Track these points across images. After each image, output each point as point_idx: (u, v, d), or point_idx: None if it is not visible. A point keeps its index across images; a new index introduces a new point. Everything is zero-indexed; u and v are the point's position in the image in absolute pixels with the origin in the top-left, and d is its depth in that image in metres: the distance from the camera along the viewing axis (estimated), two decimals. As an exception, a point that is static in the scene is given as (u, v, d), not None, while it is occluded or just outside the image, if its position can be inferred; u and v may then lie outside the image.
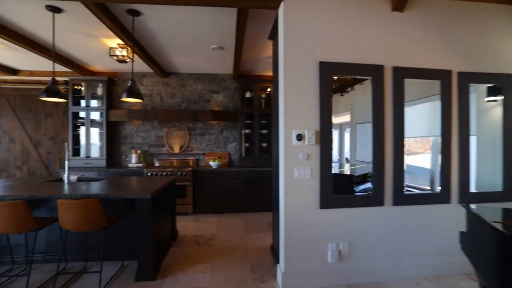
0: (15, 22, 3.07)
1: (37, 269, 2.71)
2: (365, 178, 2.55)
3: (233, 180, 4.81)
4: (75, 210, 2.28)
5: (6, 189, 2.64)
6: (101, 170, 4.61)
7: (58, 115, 5.07)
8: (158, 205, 2.83)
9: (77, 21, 3.06)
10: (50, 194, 2.45)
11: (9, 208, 2.25)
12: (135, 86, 2.86)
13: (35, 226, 2.35)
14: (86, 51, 4.01)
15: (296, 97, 2.27)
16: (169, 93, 5.30)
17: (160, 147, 5.31)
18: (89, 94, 4.85)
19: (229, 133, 5.42)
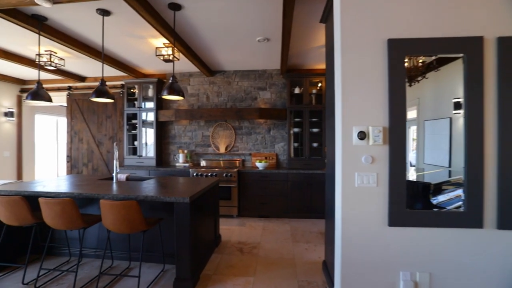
0: (74, 29, 3.25)
1: (88, 264, 2.77)
2: (440, 187, 1.93)
3: (281, 182, 4.46)
4: (114, 211, 2.22)
5: (65, 186, 2.76)
6: (151, 169, 4.73)
7: (116, 116, 5.42)
8: (199, 209, 2.65)
9: (125, 23, 3.09)
10: (94, 193, 2.45)
11: (59, 206, 2.30)
12: (176, 83, 2.74)
13: (82, 224, 2.37)
14: (137, 53, 4.13)
15: (357, 86, 1.80)
16: (215, 92, 5.21)
17: (206, 147, 5.25)
18: (141, 95, 5.05)
19: (277, 132, 5.08)
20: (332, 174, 2.14)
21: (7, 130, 5.57)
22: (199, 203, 2.63)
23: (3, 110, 5.48)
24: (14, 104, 5.70)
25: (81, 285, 2.39)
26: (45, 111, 6.51)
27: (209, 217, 3.04)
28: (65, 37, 3.38)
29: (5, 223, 2.52)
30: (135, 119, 5.15)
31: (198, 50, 4.03)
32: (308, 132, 4.68)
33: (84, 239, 3.01)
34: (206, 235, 2.91)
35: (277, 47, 3.91)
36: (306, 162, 4.69)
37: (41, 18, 2.96)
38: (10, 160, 5.63)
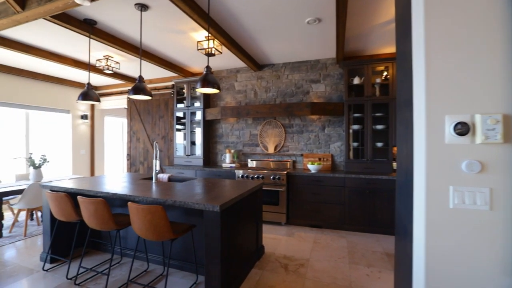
0: (121, 31, 3.29)
1: (126, 265, 2.70)
2: None
3: (337, 188, 3.82)
4: (140, 215, 2.03)
5: (106, 184, 2.76)
6: (198, 169, 4.64)
7: (167, 116, 5.55)
8: (235, 216, 2.29)
9: (163, 16, 2.96)
10: (124, 194, 2.33)
11: (93, 205, 2.23)
12: (210, 74, 2.45)
13: (114, 226, 2.27)
14: (181, 50, 4.03)
15: (453, 55, 1.15)
16: (263, 87, 4.84)
17: (254, 146, 4.93)
18: (189, 94, 5.03)
19: (332, 130, 4.43)
20: (406, 183, 1.50)
21: (82, 131, 6.29)
22: (235, 210, 2.28)
23: (80, 113, 6.20)
24: (88, 108, 6.40)
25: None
26: (113, 113, 7.19)
27: (250, 225, 2.67)
28: (115, 39, 3.46)
29: (56, 218, 2.61)
30: (184, 119, 5.17)
31: (242, 41, 3.71)
32: (371, 130, 3.91)
33: (125, 238, 2.98)
34: (245, 246, 2.55)
35: (331, 30, 3.31)
36: (367, 165, 3.92)
37: (91, 22, 3.04)
38: (85, 157, 6.34)
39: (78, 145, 6.19)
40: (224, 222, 2.04)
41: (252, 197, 2.73)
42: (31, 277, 2.50)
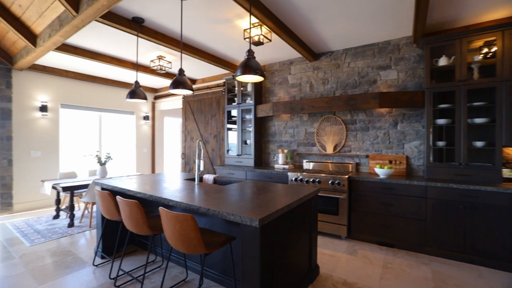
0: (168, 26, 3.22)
1: (167, 270, 2.55)
2: None
3: (415, 199, 3.01)
4: (170, 223, 1.78)
5: (147, 184, 2.67)
6: (248, 170, 4.35)
7: (219, 115, 5.45)
8: (280, 231, 1.86)
9: (205, 4, 2.72)
10: (158, 197, 2.13)
11: (128, 207, 2.11)
12: (252, 59, 2.07)
13: (148, 230, 2.10)
14: (227, 41, 3.76)
15: None
16: (320, 79, 4.26)
17: (310, 146, 4.39)
18: (240, 91, 4.79)
19: (408, 125, 3.58)
20: None
21: (145, 131, 6.74)
22: (281, 223, 1.85)
23: (142, 114, 6.66)
24: (149, 109, 6.84)
25: (149, 299, 2.13)
26: (171, 114, 7.56)
27: (301, 240, 2.20)
28: (162, 36, 3.42)
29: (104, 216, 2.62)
30: (235, 117, 4.96)
31: (294, 25, 3.23)
32: (465, 124, 2.96)
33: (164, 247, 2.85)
34: (294, 265, 2.09)
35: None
36: (460, 171, 2.99)
37: (139, 20, 3.03)
38: (147, 155, 6.79)
39: (141, 144, 6.66)
40: (265, 239, 1.64)
41: (305, 207, 2.26)
42: (82, 271, 2.56)
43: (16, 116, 4.66)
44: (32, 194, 4.82)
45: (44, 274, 2.51)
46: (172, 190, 2.39)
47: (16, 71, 4.65)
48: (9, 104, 4.58)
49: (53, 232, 3.60)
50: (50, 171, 5.04)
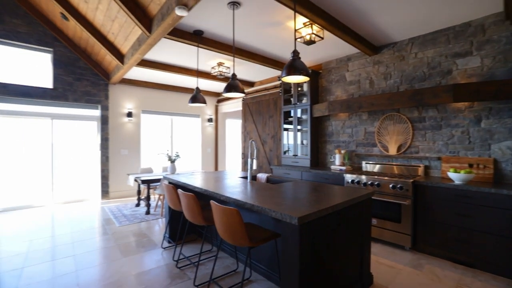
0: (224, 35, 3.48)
1: (220, 260, 2.77)
2: None
3: (505, 212, 2.50)
4: (218, 215, 1.95)
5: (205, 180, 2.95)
6: (303, 170, 4.32)
7: (276, 116, 5.55)
8: (325, 232, 1.83)
9: (255, 11, 2.86)
10: (211, 191, 2.34)
11: (186, 199, 2.39)
12: (297, 60, 2.08)
13: (202, 221, 2.34)
14: (280, 43, 3.82)
15: None
16: (381, 73, 3.92)
17: (370, 146, 4.08)
18: (296, 91, 4.79)
19: (496, 122, 2.98)
20: None
21: (209, 132, 7.37)
22: (326, 223, 1.82)
23: (207, 117, 7.30)
24: (213, 112, 7.44)
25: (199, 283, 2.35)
26: (232, 116, 8.03)
27: (350, 244, 2.10)
28: (220, 45, 3.71)
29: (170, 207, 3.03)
30: (291, 117, 4.99)
31: (346, 19, 3.08)
32: None
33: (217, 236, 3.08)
34: (341, 269, 2.01)
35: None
36: None
37: (199, 32, 3.38)
38: (211, 155, 7.40)
39: (206, 144, 7.31)
40: (306, 238, 1.64)
41: (355, 210, 2.15)
42: (153, 251, 3.01)
43: (111, 121, 5.74)
44: (122, 185, 5.85)
45: (127, 249, 3.06)
46: (225, 186, 2.59)
47: (111, 85, 5.73)
48: (107, 112, 5.67)
49: (135, 217, 4.31)
50: (133, 166, 6.02)
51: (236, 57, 4.01)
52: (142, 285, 2.33)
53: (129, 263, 2.74)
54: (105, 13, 3.51)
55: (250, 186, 2.62)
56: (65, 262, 2.75)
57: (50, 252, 3.00)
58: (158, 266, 2.67)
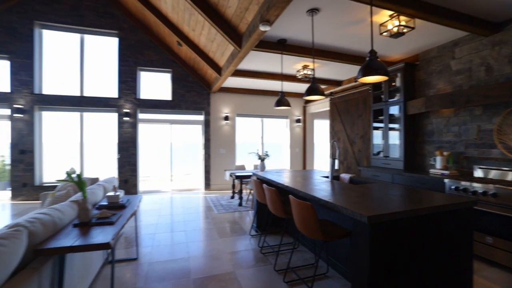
0: (306, 40, 3.63)
1: (298, 254, 2.95)
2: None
3: None
4: (295, 208, 2.17)
5: (289, 177, 3.19)
6: (395, 173, 3.96)
7: (366, 114, 5.23)
8: (403, 238, 1.75)
9: (335, 13, 2.89)
10: (291, 187, 2.55)
11: (269, 192, 2.70)
12: (374, 60, 2.01)
13: (283, 214, 2.59)
14: (363, 40, 3.64)
15: None
16: (505, 57, 3.16)
17: (487, 147, 3.35)
18: (387, 88, 4.41)
19: None
20: None
21: (297, 132, 7.59)
22: (404, 230, 1.74)
23: (295, 118, 7.54)
24: (301, 113, 7.62)
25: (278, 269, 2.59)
26: (320, 116, 7.97)
27: (441, 260, 1.90)
28: (303, 49, 3.87)
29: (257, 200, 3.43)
30: (382, 115, 4.62)
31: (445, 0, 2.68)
32: None
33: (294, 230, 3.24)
34: (425, 286, 1.85)
35: None
36: None
37: (282, 40, 3.65)
38: (299, 154, 7.60)
39: (294, 144, 7.56)
40: (377, 239, 1.64)
41: (447, 219, 1.92)
42: (243, 237, 3.48)
43: (212, 124, 6.79)
44: (220, 179, 6.81)
45: (223, 232, 3.65)
46: (305, 184, 2.76)
47: (212, 93, 6.78)
48: (209, 116, 6.74)
49: (229, 207, 5.00)
50: (229, 163, 6.91)
51: (319, 59, 4.08)
52: (233, 261, 2.78)
53: (224, 243, 3.29)
54: (207, 37, 4.28)
55: (330, 185, 2.70)
56: (179, 235, 3.55)
57: (170, 226, 3.93)
58: (246, 249, 3.09)
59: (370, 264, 1.62)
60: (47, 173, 6.07)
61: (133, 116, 6.19)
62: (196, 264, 2.72)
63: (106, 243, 1.54)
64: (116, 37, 6.17)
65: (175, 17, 4.67)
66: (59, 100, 5.83)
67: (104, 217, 1.99)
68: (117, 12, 6.05)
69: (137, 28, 6.17)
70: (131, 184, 6.16)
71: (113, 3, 5.97)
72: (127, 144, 6.18)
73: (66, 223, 1.86)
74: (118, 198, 2.50)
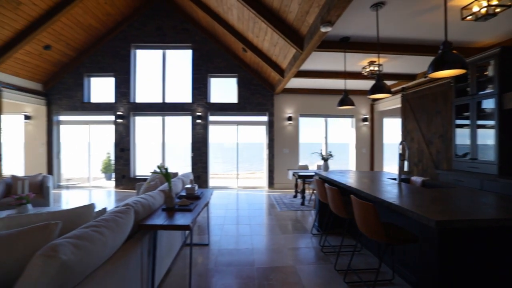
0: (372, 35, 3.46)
1: (360, 256, 2.85)
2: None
3: None
4: (356, 208, 2.16)
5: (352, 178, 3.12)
6: (486, 179, 3.39)
7: (446, 111, 4.61)
8: (482, 251, 1.57)
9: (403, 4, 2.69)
10: (352, 187, 2.50)
11: (330, 192, 2.72)
12: (450, 53, 1.81)
13: (344, 214, 2.58)
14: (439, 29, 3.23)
15: None
16: None
17: None
18: (474, 79, 3.81)
19: None
20: None
21: (363, 132, 7.16)
22: (484, 240, 1.56)
23: (361, 116, 7.12)
24: (368, 111, 7.15)
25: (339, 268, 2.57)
26: (390, 114, 7.29)
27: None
28: (367, 45, 3.69)
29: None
30: (467, 111, 4.01)
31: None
32: None
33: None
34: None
35: None
36: None
37: (345, 39, 3.57)
38: (366, 155, 7.15)
39: (360, 144, 7.15)
40: (448, 247, 1.52)
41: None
42: (304, 235, 3.55)
43: (276, 125, 7.00)
44: (283, 178, 6.97)
45: (285, 229, 3.80)
46: (369, 185, 2.67)
47: (275, 95, 6.99)
48: (272, 117, 6.98)
49: (292, 206, 5.11)
50: (292, 163, 6.99)
51: (386, 54, 3.83)
52: (294, 256, 2.89)
53: (285, 239, 3.42)
54: (270, 41, 4.49)
55: (398, 187, 2.55)
56: (244, 228, 3.85)
57: (236, 219, 4.28)
58: (307, 247, 3.16)
59: (439, 276, 1.51)
60: (139, 168, 7.31)
61: (204, 119, 6.91)
62: (259, 255, 2.94)
63: (187, 225, 1.87)
64: (190, 49, 7.00)
65: (241, 26, 5.05)
66: (147, 107, 6.97)
67: (184, 204, 2.37)
68: (191, 27, 6.85)
69: (207, 39, 6.87)
70: (202, 180, 6.88)
71: (188, 20, 6.80)
72: (199, 144, 6.93)
73: (157, 207, 2.30)
74: (194, 190, 2.90)
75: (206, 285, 2.31)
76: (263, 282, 2.35)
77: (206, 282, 2.36)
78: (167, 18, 6.85)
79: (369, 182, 2.84)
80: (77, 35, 6.17)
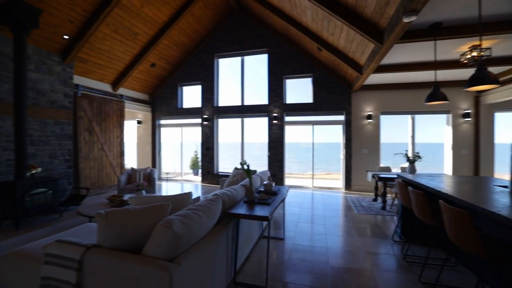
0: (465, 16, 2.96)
1: (457, 273, 2.50)
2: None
3: None
4: (446, 215, 1.97)
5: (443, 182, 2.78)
6: None
7: None
8: None
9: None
10: (440, 192, 2.24)
11: (414, 195, 2.51)
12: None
13: (431, 219, 2.36)
14: None
15: None
16: None
17: None
18: None
19: None
20: None
21: (464, 130, 6.03)
22: None
23: (461, 112, 6.03)
24: (471, 104, 5.99)
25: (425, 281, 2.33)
26: (505, 107, 5.89)
27: None
28: (465, 28, 3.17)
29: (400, 203, 3.19)
30: None
31: None
32: None
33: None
34: None
35: None
36: None
37: (435, 25, 3.16)
38: (468, 158, 6.01)
39: (458, 144, 6.05)
40: None
41: None
42: (384, 241, 3.33)
43: (353, 124, 6.66)
44: (361, 180, 6.56)
45: (362, 232, 3.65)
46: (465, 190, 2.34)
47: (353, 93, 6.65)
48: (350, 116, 6.67)
49: (371, 209, 4.80)
50: (372, 164, 6.50)
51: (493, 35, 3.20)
52: (371, 261, 2.78)
53: (362, 242, 3.29)
54: (346, 38, 4.34)
55: (509, 196, 2.15)
56: (319, 227, 3.87)
57: (311, 217, 4.33)
58: (387, 253, 2.97)
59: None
60: (221, 165, 8.16)
61: (280, 119, 7.16)
62: (333, 254, 2.94)
63: (266, 216, 2.09)
64: (265, 54, 7.36)
65: (315, 26, 5.04)
66: (228, 110, 7.70)
67: (262, 198, 2.62)
68: (266, 33, 7.21)
69: (281, 42, 7.09)
70: (278, 178, 7.15)
71: (264, 26, 7.18)
72: (275, 144, 7.22)
73: (239, 199, 2.61)
74: (272, 186, 3.13)
75: (281, 275, 2.49)
76: (337, 281, 2.37)
77: (281, 272, 2.54)
78: (245, 26, 7.41)
79: (466, 188, 2.47)
80: (173, 52, 7.39)
